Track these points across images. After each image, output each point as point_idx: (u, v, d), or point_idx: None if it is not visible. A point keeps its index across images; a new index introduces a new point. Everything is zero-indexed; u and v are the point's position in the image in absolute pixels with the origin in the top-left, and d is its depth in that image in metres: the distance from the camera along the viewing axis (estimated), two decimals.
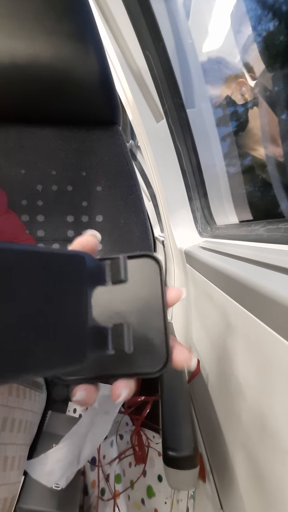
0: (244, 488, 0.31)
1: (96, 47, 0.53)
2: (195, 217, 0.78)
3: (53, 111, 0.58)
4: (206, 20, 0.68)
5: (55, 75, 0.52)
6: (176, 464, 0.30)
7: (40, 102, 0.56)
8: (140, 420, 0.52)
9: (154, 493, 0.47)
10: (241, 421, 0.32)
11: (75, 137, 0.61)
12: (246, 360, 0.29)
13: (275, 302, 0.22)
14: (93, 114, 0.59)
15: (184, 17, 0.70)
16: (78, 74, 0.53)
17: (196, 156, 0.74)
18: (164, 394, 0.40)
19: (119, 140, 0.62)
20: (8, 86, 0.53)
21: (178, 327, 0.78)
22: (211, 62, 0.71)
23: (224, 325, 0.37)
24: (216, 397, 0.42)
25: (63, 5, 0.50)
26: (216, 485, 0.40)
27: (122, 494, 0.44)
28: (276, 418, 0.23)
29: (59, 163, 0.60)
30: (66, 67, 0.52)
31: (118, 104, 0.60)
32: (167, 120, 0.70)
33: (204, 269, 0.48)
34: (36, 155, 0.60)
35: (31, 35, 0.50)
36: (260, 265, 0.31)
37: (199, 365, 0.51)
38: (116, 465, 0.48)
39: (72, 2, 0.51)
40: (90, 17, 0.53)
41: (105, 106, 0.58)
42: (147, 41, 0.64)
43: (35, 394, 0.39)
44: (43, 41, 0.50)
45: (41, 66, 0.51)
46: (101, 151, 0.61)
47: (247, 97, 0.64)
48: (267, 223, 0.45)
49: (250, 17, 0.56)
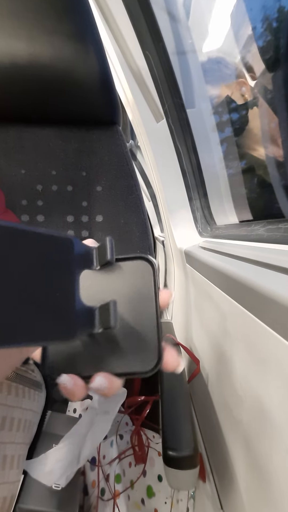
0: (244, 488, 0.31)
1: (96, 47, 0.53)
2: (195, 217, 0.78)
3: (53, 111, 0.58)
4: (206, 20, 0.68)
5: (55, 75, 0.52)
6: (176, 464, 0.30)
7: (40, 102, 0.56)
8: (140, 420, 0.52)
9: (154, 493, 0.47)
10: (241, 421, 0.32)
11: (75, 137, 0.61)
12: (246, 360, 0.29)
13: (275, 302, 0.22)
14: (93, 114, 0.59)
15: (184, 17, 0.70)
16: (78, 74, 0.53)
17: (196, 156, 0.74)
18: (164, 394, 0.40)
19: (119, 140, 0.62)
20: (8, 86, 0.53)
21: (178, 327, 0.78)
22: (211, 62, 0.71)
23: (224, 325, 0.37)
24: (216, 397, 0.42)
25: (63, 5, 0.50)
26: (216, 485, 0.40)
27: (122, 494, 0.44)
28: (276, 418, 0.23)
29: (59, 163, 0.60)
30: (66, 67, 0.52)
31: (118, 104, 0.60)
32: (167, 120, 0.70)
33: (204, 269, 0.48)
34: (36, 155, 0.60)
35: (31, 35, 0.50)
36: (260, 265, 0.31)
37: (199, 365, 0.51)
38: (116, 465, 0.48)
39: (72, 2, 0.51)
40: (90, 17, 0.53)
41: (105, 106, 0.58)
42: (147, 41, 0.64)
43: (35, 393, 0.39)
44: (43, 41, 0.50)
45: (41, 66, 0.51)
46: (101, 151, 0.61)
47: (247, 97, 0.64)
48: (267, 223, 0.45)
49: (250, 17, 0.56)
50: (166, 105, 0.69)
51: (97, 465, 0.47)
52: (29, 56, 0.50)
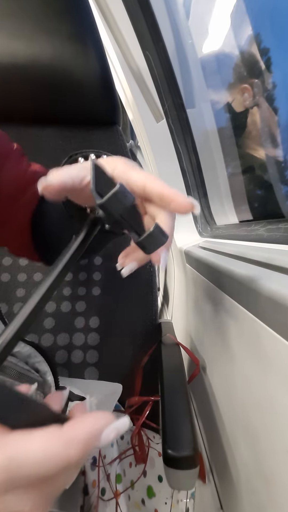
0: (244, 488, 0.31)
1: (96, 47, 0.53)
2: (195, 217, 0.78)
3: (53, 111, 0.58)
4: (206, 20, 0.68)
5: (55, 75, 0.52)
6: (176, 464, 0.30)
7: (40, 102, 0.56)
8: (140, 420, 0.52)
9: (155, 493, 0.47)
10: (241, 421, 0.32)
11: (75, 137, 0.61)
12: (246, 360, 0.29)
13: (275, 302, 0.22)
14: (93, 114, 0.59)
15: (184, 17, 0.70)
16: (78, 74, 0.53)
17: (196, 156, 0.74)
18: (164, 394, 0.40)
19: (119, 140, 0.62)
20: (8, 86, 0.53)
21: (178, 327, 0.78)
22: (211, 62, 0.71)
23: (224, 325, 0.37)
24: (216, 397, 0.42)
25: (63, 5, 0.50)
26: (216, 485, 0.40)
27: (122, 494, 0.44)
28: (276, 418, 0.23)
29: (59, 163, 0.60)
30: (66, 67, 0.52)
31: (118, 104, 0.60)
32: (167, 120, 0.70)
33: (204, 269, 0.48)
34: (36, 155, 0.60)
35: (31, 35, 0.50)
36: (260, 265, 0.31)
37: (199, 365, 0.51)
38: (116, 465, 0.48)
39: (72, 2, 0.51)
40: (90, 17, 0.53)
41: (105, 106, 0.58)
42: (147, 41, 0.64)
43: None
44: (43, 41, 0.50)
45: (41, 66, 0.51)
46: None
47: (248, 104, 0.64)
48: (267, 223, 0.45)
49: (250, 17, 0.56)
50: (166, 105, 0.69)
51: (98, 465, 0.47)
52: (29, 56, 0.50)
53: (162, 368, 0.46)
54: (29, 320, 0.18)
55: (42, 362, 0.41)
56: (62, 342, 0.58)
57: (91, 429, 0.15)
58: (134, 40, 0.64)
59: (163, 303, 1.22)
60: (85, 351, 0.58)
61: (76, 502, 0.40)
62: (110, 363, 0.58)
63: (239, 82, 0.64)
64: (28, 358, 0.40)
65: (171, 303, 0.96)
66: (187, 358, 0.56)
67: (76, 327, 0.59)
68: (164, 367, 0.47)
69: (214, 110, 0.74)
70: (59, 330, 0.59)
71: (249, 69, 0.61)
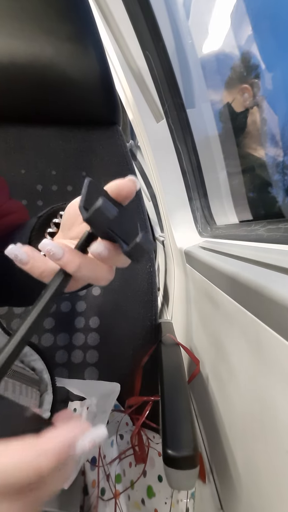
0: (244, 488, 0.31)
1: (96, 47, 0.53)
2: (195, 217, 0.78)
3: (53, 111, 0.58)
4: (206, 20, 0.68)
5: (55, 75, 0.52)
6: (176, 464, 0.30)
7: (40, 102, 0.56)
8: (140, 420, 0.52)
9: (154, 493, 0.47)
10: (241, 421, 0.32)
11: (75, 137, 0.61)
12: (246, 360, 0.29)
13: (275, 302, 0.22)
14: (93, 114, 0.59)
15: (184, 17, 0.70)
16: (78, 74, 0.53)
17: (196, 156, 0.74)
18: (164, 394, 0.40)
19: (119, 140, 0.62)
20: (8, 86, 0.53)
21: (178, 327, 0.78)
22: (211, 62, 0.71)
23: (224, 325, 0.37)
24: (216, 397, 0.42)
25: (63, 5, 0.50)
26: (216, 485, 0.40)
27: (122, 494, 0.44)
28: (276, 418, 0.23)
29: (59, 163, 0.61)
30: (66, 67, 0.52)
31: (118, 104, 0.60)
32: (167, 120, 0.70)
33: (204, 269, 0.48)
34: (36, 155, 0.60)
35: (31, 35, 0.50)
36: (260, 265, 0.31)
37: (199, 365, 0.51)
38: (116, 465, 0.48)
39: (72, 2, 0.51)
40: (90, 17, 0.53)
41: (105, 106, 0.58)
42: (147, 41, 0.64)
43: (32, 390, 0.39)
44: (43, 41, 0.50)
45: (41, 66, 0.51)
46: (101, 151, 0.61)
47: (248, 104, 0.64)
48: (267, 223, 0.45)
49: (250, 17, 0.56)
50: (166, 105, 0.69)
51: (97, 465, 0.47)
52: (29, 56, 0.50)
53: (162, 368, 0.46)
54: (27, 336, 0.18)
55: (38, 360, 0.41)
56: (62, 342, 0.58)
57: (64, 440, 0.15)
58: (134, 40, 0.64)
59: (163, 303, 1.22)
60: (85, 351, 0.58)
61: (76, 502, 0.40)
62: (110, 363, 0.58)
63: (239, 82, 0.64)
64: (24, 356, 0.40)
65: (171, 303, 0.96)
66: (187, 358, 0.56)
67: (76, 327, 0.59)
68: (164, 367, 0.46)
69: (214, 110, 0.74)
70: (59, 330, 0.59)
71: (248, 69, 0.61)
